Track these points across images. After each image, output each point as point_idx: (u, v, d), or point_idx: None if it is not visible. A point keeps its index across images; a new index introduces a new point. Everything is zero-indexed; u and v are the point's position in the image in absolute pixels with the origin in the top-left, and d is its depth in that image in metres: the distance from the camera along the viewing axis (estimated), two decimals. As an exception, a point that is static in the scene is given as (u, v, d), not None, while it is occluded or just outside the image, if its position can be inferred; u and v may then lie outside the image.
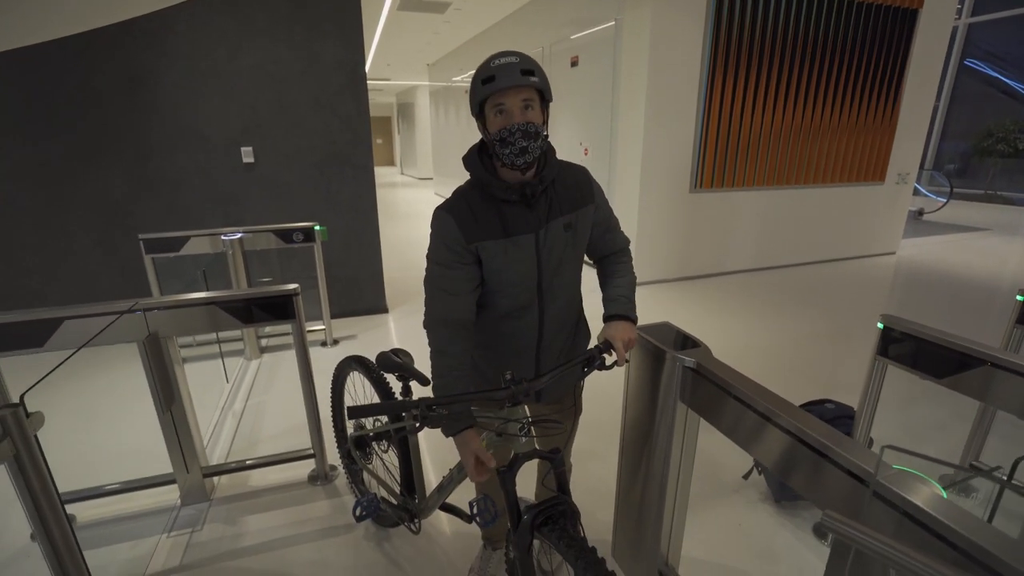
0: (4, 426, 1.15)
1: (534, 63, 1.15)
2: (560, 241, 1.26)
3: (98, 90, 3.37)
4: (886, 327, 1.68)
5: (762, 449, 1.17)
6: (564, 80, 5.90)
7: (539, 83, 1.13)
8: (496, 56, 1.14)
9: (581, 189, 1.30)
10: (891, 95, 5.56)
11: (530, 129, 1.13)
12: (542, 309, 1.31)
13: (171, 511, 2.11)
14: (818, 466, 1.03)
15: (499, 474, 1.15)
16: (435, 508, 1.62)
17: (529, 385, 1.10)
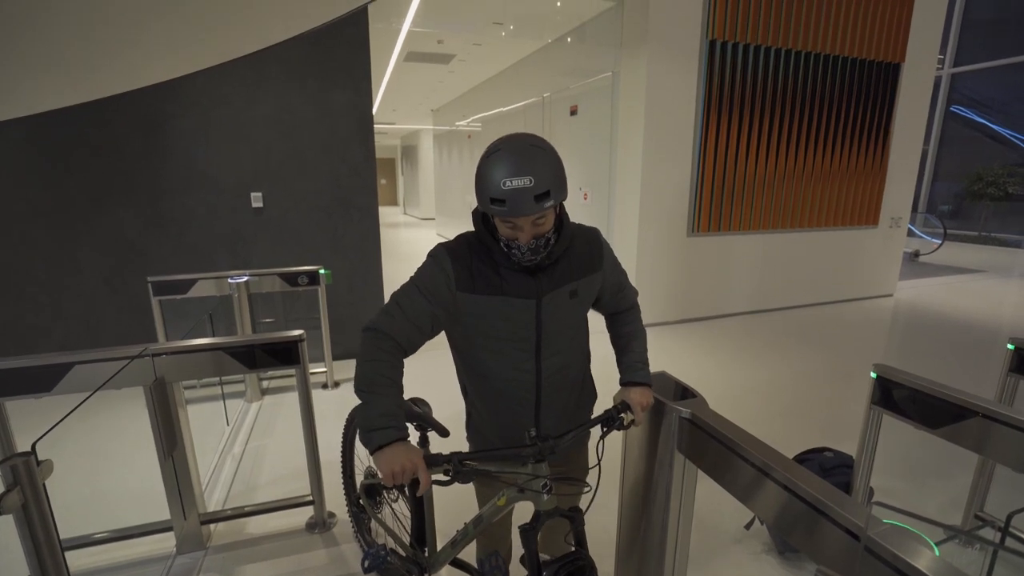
0: (15, 475, 1.17)
1: (550, 174, 1.05)
2: (564, 306, 1.25)
3: (114, 135, 3.51)
4: (880, 376, 1.72)
5: (758, 501, 1.19)
6: (564, 127, 6.12)
7: (556, 203, 1.07)
8: (508, 172, 1.03)
9: (591, 257, 1.28)
10: (880, 142, 5.75)
11: (539, 243, 1.12)
12: (539, 369, 1.28)
13: (166, 560, 2.08)
14: (813, 520, 1.04)
15: (521, 532, 1.15)
16: (446, 563, 1.59)
17: (555, 442, 1.13)
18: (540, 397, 1.31)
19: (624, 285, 1.41)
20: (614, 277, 1.36)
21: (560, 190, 1.08)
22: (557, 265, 1.22)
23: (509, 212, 1.05)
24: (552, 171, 1.07)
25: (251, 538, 2.21)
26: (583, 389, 1.45)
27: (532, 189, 1.03)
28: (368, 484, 1.93)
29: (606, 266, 1.32)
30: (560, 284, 1.23)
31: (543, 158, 1.06)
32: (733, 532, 2.23)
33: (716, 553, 2.12)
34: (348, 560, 2.08)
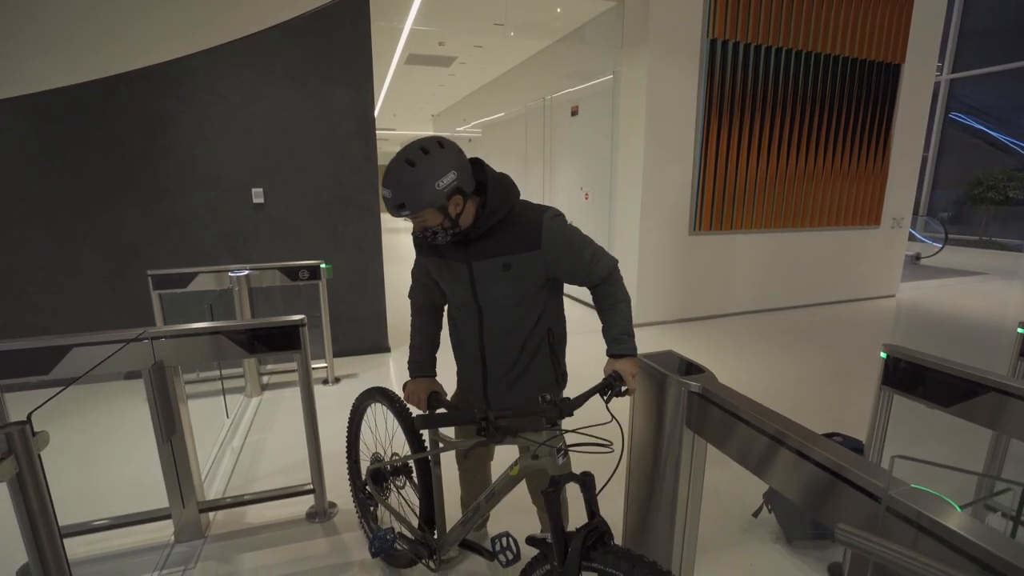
0: (9, 443, 1.14)
1: (407, 190, 1.23)
2: (497, 275, 1.40)
3: (115, 133, 3.51)
4: (890, 356, 1.69)
5: (771, 471, 1.16)
6: (565, 128, 6.14)
7: (412, 213, 1.26)
8: (383, 181, 1.26)
9: (527, 238, 1.37)
10: (881, 143, 5.76)
11: (426, 233, 1.34)
12: (482, 326, 1.48)
13: (164, 548, 2.04)
14: (830, 485, 1.02)
15: (544, 495, 1.16)
16: (456, 543, 1.58)
17: (569, 405, 1.20)
18: (484, 356, 1.51)
19: (585, 262, 1.43)
20: (568, 258, 1.41)
21: (420, 202, 1.24)
22: (489, 239, 1.38)
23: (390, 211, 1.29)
24: (411, 187, 1.24)
25: (250, 527, 2.17)
26: (536, 358, 1.51)
27: (392, 200, 1.25)
28: (374, 469, 1.90)
29: (548, 248, 1.38)
30: (490, 255, 1.39)
31: (406, 175, 1.23)
32: (740, 521, 2.19)
33: (723, 542, 2.08)
34: (350, 549, 2.04)
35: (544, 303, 1.49)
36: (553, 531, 1.16)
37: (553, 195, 6.67)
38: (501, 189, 1.38)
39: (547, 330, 1.51)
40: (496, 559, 1.31)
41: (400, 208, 1.25)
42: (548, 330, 1.51)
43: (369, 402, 1.93)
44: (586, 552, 1.12)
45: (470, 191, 1.32)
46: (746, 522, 2.18)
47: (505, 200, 1.37)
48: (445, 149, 1.26)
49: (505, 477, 1.38)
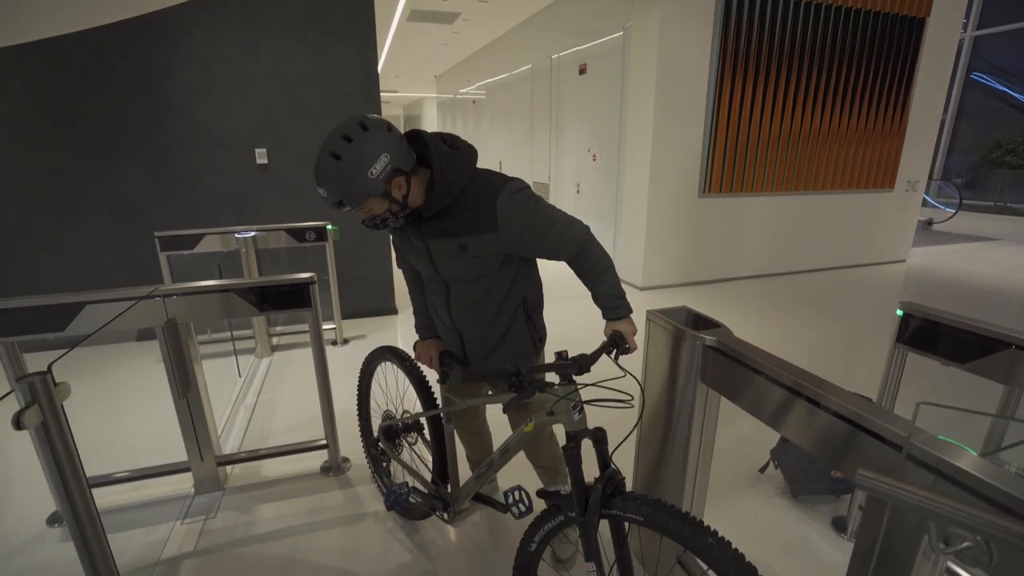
0: (32, 392, 1.16)
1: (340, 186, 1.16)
2: (453, 256, 1.34)
3: (116, 91, 3.43)
4: (906, 314, 1.68)
5: (788, 423, 1.16)
6: (572, 88, 5.97)
7: (354, 207, 1.20)
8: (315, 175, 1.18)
9: (482, 217, 1.27)
10: (899, 104, 5.58)
11: (376, 221, 1.28)
12: (449, 300, 1.46)
13: (185, 499, 2.11)
14: (850, 435, 1.02)
15: (565, 451, 1.18)
16: (470, 496, 1.61)
17: (587, 360, 1.22)
18: (457, 327, 1.50)
19: (556, 238, 1.33)
20: (531, 237, 1.31)
21: (356, 195, 1.18)
22: (443, 219, 1.31)
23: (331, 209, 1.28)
24: (343, 181, 1.16)
25: (267, 480, 2.23)
26: (511, 327, 1.48)
27: (328, 199, 1.19)
28: (386, 426, 1.94)
29: (506, 228, 1.28)
30: (444, 235, 1.32)
31: (335, 169, 1.15)
32: (747, 477, 2.23)
33: (730, 496, 2.12)
34: (364, 501, 2.09)
35: (514, 273, 1.43)
36: (574, 483, 1.17)
37: (559, 157, 6.55)
38: (450, 167, 1.25)
39: (521, 299, 1.47)
40: (509, 511, 1.33)
41: (339, 205, 1.19)
42: (523, 299, 1.47)
43: (379, 361, 1.94)
44: (606, 500, 1.14)
45: (410, 168, 1.22)
46: (752, 477, 2.22)
47: (455, 179, 1.26)
48: (370, 131, 1.15)
49: (519, 433, 1.39)
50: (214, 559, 1.80)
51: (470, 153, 1.32)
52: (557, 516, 1.25)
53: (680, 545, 1.08)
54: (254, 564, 1.78)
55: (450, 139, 1.31)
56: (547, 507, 1.27)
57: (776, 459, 2.19)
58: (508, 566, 1.77)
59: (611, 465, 1.18)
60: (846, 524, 1.95)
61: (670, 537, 1.05)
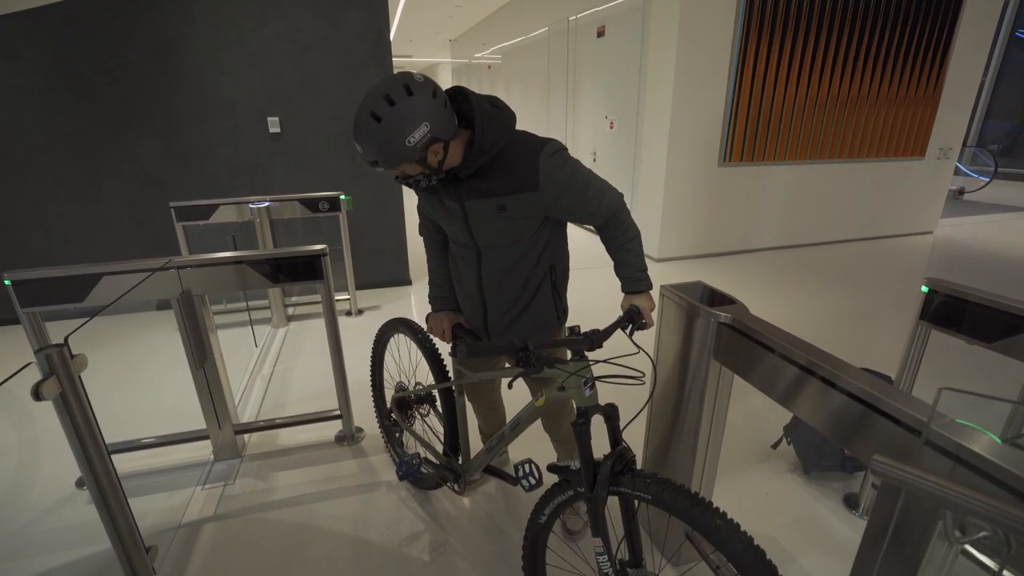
0: (51, 364, 1.18)
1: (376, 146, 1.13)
2: (492, 217, 1.31)
3: (127, 59, 3.40)
4: (931, 290, 1.61)
5: (803, 404, 1.14)
6: (590, 52, 5.76)
7: (388, 168, 1.18)
8: (354, 130, 1.16)
9: (522, 178, 1.25)
10: (936, 65, 5.28)
11: (417, 179, 1.24)
12: (480, 266, 1.43)
13: (205, 465, 2.18)
14: (864, 417, 0.99)
15: (574, 427, 1.17)
16: (481, 468, 1.63)
17: (599, 336, 1.18)
18: (484, 295, 1.47)
19: (588, 201, 1.33)
20: (569, 198, 1.30)
21: (393, 159, 1.15)
22: (481, 179, 1.28)
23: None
24: (379, 143, 1.13)
25: (283, 448, 2.29)
26: (537, 295, 1.47)
27: (363, 156, 1.18)
28: (399, 398, 1.96)
29: (546, 188, 1.26)
30: (482, 195, 1.29)
31: (375, 132, 1.12)
32: (759, 452, 2.22)
33: (741, 471, 2.12)
34: (377, 470, 2.14)
35: (546, 240, 1.41)
36: (583, 459, 1.17)
37: (576, 124, 6.39)
38: (491, 126, 1.23)
39: (549, 267, 1.45)
40: (519, 484, 1.34)
41: (374, 165, 1.18)
42: (551, 267, 1.45)
43: (392, 333, 1.95)
44: (614, 477, 1.14)
45: (450, 137, 1.19)
46: (764, 453, 2.21)
47: (496, 138, 1.24)
48: (414, 96, 1.11)
49: (530, 408, 1.39)
50: (233, 523, 1.86)
51: (510, 115, 1.29)
52: (567, 491, 1.26)
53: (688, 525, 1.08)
54: (271, 529, 1.84)
55: (492, 99, 1.29)
56: (557, 481, 1.28)
57: (789, 436, 2.17)
58: (519, 536, 1.80)
59: (622, 442, 1.18)
60: (858, 501, 1.93)
61: (678, 517, 1.05)
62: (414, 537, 1.80)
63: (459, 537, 1.80)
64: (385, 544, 1.78)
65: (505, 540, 1.79)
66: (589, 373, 1.24)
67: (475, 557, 1.72)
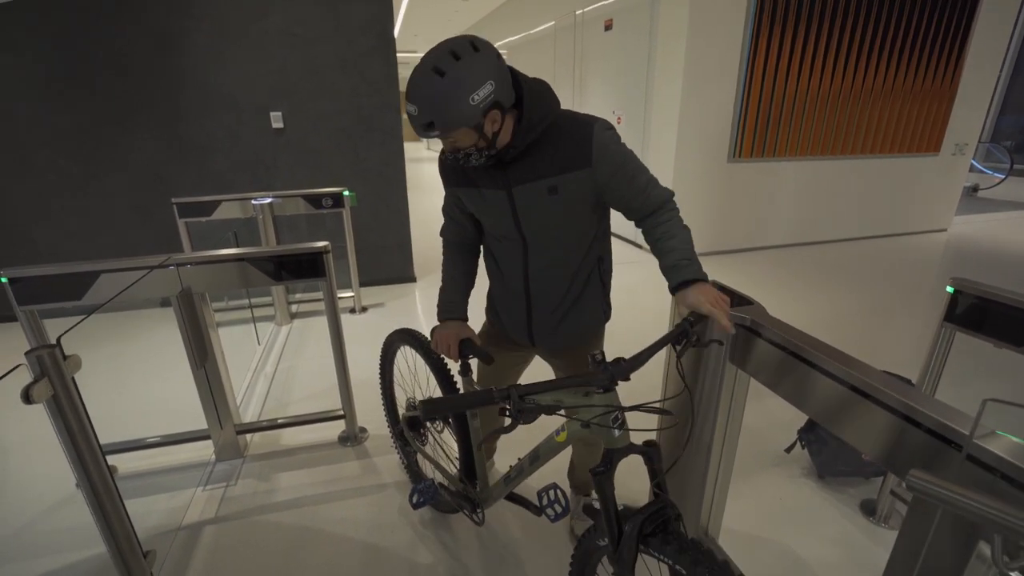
0: (42, 366, 1.14)
1: (435, 106, 1.03)
2: (542, 201, 1.21)
3: (128, 53, 3.36)
4: (957, 291, 1.55)
5: (830, 413, 1.08)
6: (597, 46, 5.68)
7: (443, 132, 1.07)
8: (407, 96, 1.05)
9: (575, 154, 1.16)
10: (953, 57, 5.16)
11: (468, 154, 1.14)
12: (526, 260, 1.32)
13: (206, 466, 2.14)
14: (898, 429, 0.93)
15: (594, 476, 1.01)
16: (500, 498, 1.49)
17: (628, 365, 0.97)
18: (529, 291, 1.37)
19: (640, 186, 1.22)
20: (621, 179, 1.20)
21: (451, 120, 1.05)
22: (529, 159, 1.19)
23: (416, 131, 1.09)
24: (440, 102, 1.03)
25: (286, 448, 2.25)
26: (586, 288, 1.38)
27: (418, 118, 1.05)
28: (410, 416, 1.81)
29: (600, 164, 1.17)
30: (532, 178, 1.20)
31: (435, 87, 1.02)
32: (772, 456, 2.16)
33: (754, 475, 2.06)
34: (381, 472, 2.10)
35: (596, 229, 1.32)
36: (604, 513, 1.01)
37: (583, 120, 6.31)
38: (539, 99, 1.15)
39: (598, 259, 1.37)
40: (543, 513, 1.22)
41: (428, 128, 1.06)
42: (599, 259, 1.37)
43: (398, 344, 1.81)
44: (644, 538, 0.98)
45: (509, 104, 1.10)
46: (778, 457, 2.15)
47: (546, 112, 1.15)
48: (480, 52, 1.03)
49: (550, 442, 1.22)
50: (234, 526, 1.83)
51: (554, 93, 1.22)
52: (603, 537, 1.10)
53: None
54: (273, 532, 1.80)
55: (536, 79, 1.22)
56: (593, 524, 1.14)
57: (803, 439, 2.11)
58: (528, 539, 1.75)
59: (663, 491, 1.01)
60: (875, 508, 1.87)
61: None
62: (420, 541, 1.76)
63: (467, 540, 1.76)
64: (391, 548, 1.73)
65: (516, 546, 1.74)
66: (614, 411, 1.02)
67: (485, 560, 1.68)
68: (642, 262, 4.84)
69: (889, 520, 1.85)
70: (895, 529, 1.82)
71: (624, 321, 3.48)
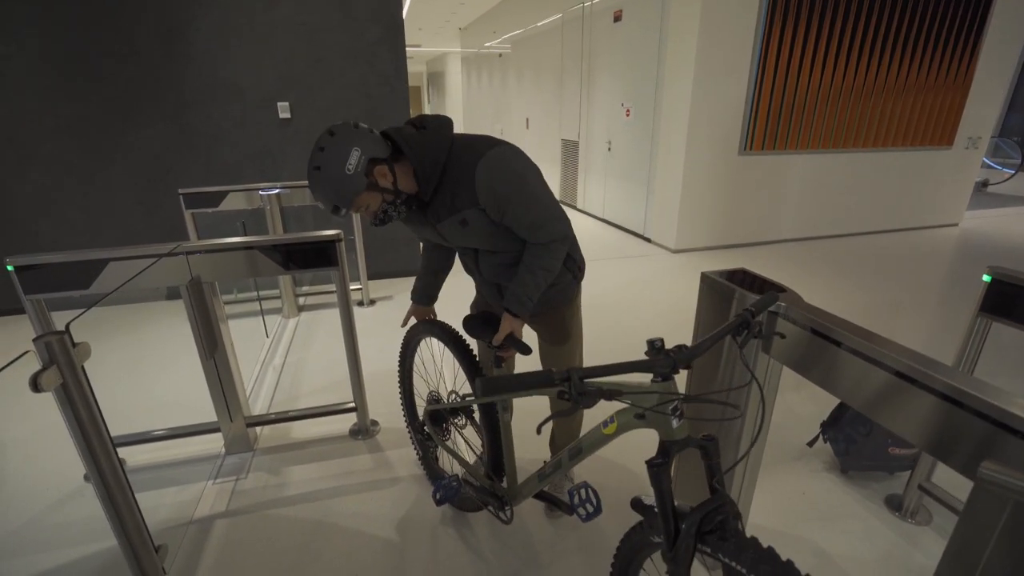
0: (50, 353, 1.10)
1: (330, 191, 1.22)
2: (460, 232, 1.34)
3: (135, 42, 3.32)
4: (995, 280, 1.49)
5: (869, 398, 1.03)
6: (606, 37, 5.61)
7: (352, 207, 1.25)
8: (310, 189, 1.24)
9: (466, 192, 1.27)
10: (968, 50, 5.08)
11: (384, 213, 1.32)
12: (478, 261, 1.46)
13: (216, 459, 2.10)
14: (950, 416, 0.88)
15: (650, 467, 0.95)
16: (530, 495, 1.43)
17: (690, 352, 0.92)
18: (494, 280, 1.49)
19: (526, 224, 1.30)
20: (510, 215, 1.28)
21: (345, 195, 1.23)
22: (440, 198, 1.31)
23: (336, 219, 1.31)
24: (330, 185, 1.21)
25: (296, 442, 2.21)
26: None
27: (326, 207, 1.26)
28: (432, 410, 1.73)
29: (486, 204, 1.27)
30: (446, 215, 1.32)
31: (320, 178, 1.21)
32: (794, 450, 2.12)
33: (776, 469, 2.02)
34: (394, 465, 2.06)
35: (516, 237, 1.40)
36: (661, 509, 0.95)
37: (590, 113, 6.25)
38: (419, 147, 1.26)
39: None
40: (575, 512, 1.18)
41: (337, 211, 1.24)
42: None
43: (422, 336, 1.75)
44: (702, 536, 0.93)
45: (387, 155, 1.26)
46: (800, 450, 2.11)
47: (433, 156, 1.26)
48: (336, 135, 1.21)
49: (597, 434, 1.14)
50: (245, 520, 1.79)
51: (440, 127, 1.29)
52: (648, 534, 1.04)
53: None
54: (285, 526, 1.77)
55: (416, 121, 1.31)
56: (639, 522, 1.08)
57: (827, 433, 2.06)
58: (551, 536, 1.71)
59: (721, 488, 0.95)
60: (901, 503, 1.83)
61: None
62: (439, 535, 1.72)
63: (487, 536, 1.72)
64: (408, 542, 1.69)
65: (538, 542, 1.70)
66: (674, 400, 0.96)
67: (504, 554, 1.63)
68: (652, 255, 4.79)
69: (916, 516, 1.80)
70: (922, 525, 1.77)
71: (634, 314, 3.44)
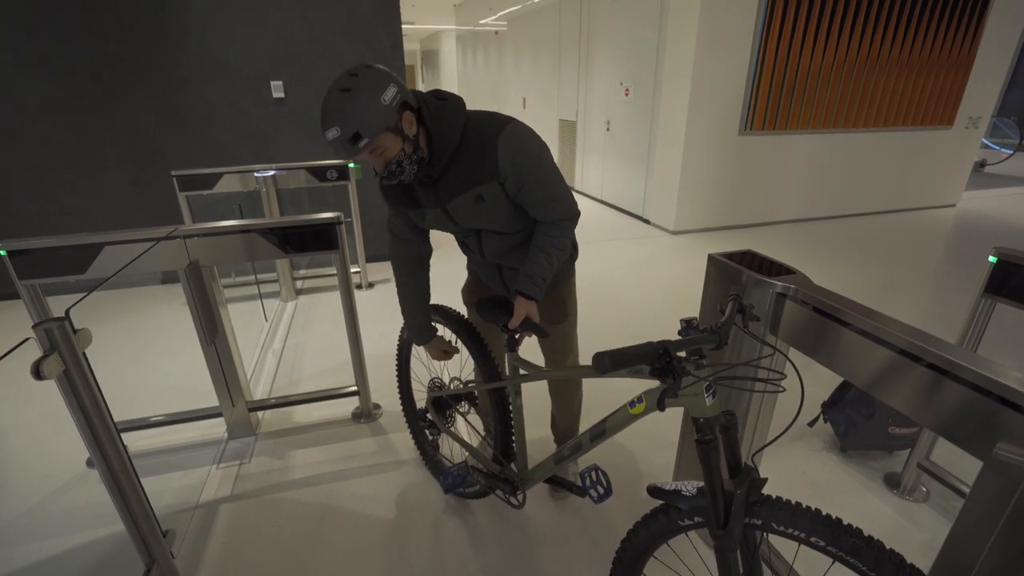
0: (51, 339, 1.08)
1: (356, 115, 1.08)
2: (474, 209, 1.29)
3: (124, 15, 3.22)
4: (1000, 260, 1.49)
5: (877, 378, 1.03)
6: (605, 14, 5.50)
7: (370, 140, 1.11)
8: (323, 126, 1.11)
9: (486, 163, 1.23)
10: (972, 26, 5.01)
11: (400, 165, 1.20)
12: (482, 244, 1.43)
13: (219, 444, 2.10)
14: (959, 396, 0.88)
15: (699, 445, 0.93)
16: (544, 479, 1.43)
17: (725, 328, 0.94)
18: (496, 263, 1.48)
19: (544, 199, 1.29)
20: (528, 189, 1.26)
21: (372, 125, 1.10)
22: (453, 173, 1.26)
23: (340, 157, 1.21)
24: (358, 110, 1.09)
25: (299, 426, 2.21)
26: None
27: (342, 137, 1.10)
28: (435, 397, 1.74)
29: (506, 176, 1.24)
30: (460, 191, 1.27)
31: (347, 100, 1.09)
32: (794, 430, 2.14)
33: (776, 449, 2.04)
34: (398, 448, 2.06)
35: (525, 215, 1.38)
36: (709, 487, 0.93)
37: (589, 93, 6.16)
38: (440, 115, 1.21)
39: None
40: (587, 495, 1.19)
41: (356, 140, 1.10)
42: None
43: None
44: (751, 507, 0.91)
45: (416, 107, 1.19)
46: (800, 430, 2.13)
47: (451, 125, 1.21)
48: (372, 67, 1.13)
49: (623, 414, 1.11)
50: (251, 504, 1.79)
51: (457, 100, 1.26)
52: (668, 518, 1.01)
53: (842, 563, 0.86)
54: (290, 510, 1.77)
55: (435, 92, 1.27)
56: (659, 508, 1.04)
57: (827, 413, 2.08)
58: (559, 518, 1.73)
59: (740, 464, 0.94)
60: (900, 481, 1.85)
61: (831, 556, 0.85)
62: (445, 517, 1.73)
63: (492, 517, 1.73)
64: (414, 524, 1.71)
65: (542, 517, 1.72)
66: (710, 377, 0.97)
67: (511, 537, 1.65)
68: (651, 237, 4.77)
69: (914, 493, 1.83)
70: (920, 502, 1.80)
71: (635, 295, 3.43)
